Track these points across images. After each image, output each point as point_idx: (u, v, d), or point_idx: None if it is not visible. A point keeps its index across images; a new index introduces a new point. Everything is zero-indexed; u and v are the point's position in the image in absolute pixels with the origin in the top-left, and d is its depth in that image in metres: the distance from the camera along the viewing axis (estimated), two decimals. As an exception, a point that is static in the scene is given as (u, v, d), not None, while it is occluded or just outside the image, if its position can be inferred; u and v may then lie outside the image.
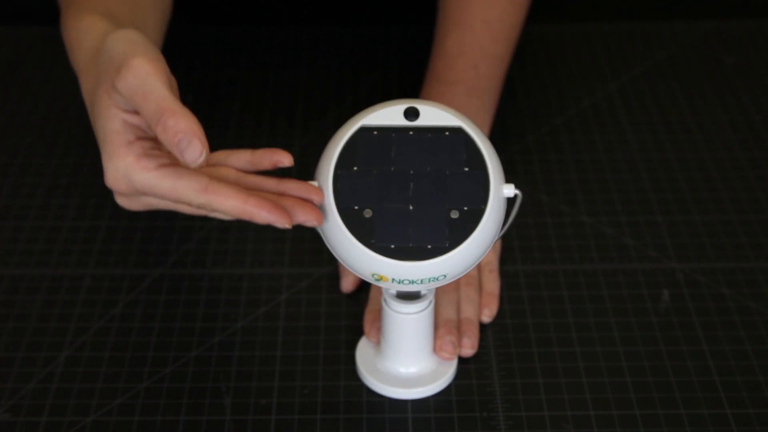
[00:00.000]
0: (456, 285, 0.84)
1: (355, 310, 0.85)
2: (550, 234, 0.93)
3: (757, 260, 0.90)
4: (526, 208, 0.94)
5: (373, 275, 0.70)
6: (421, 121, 0.71)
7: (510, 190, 0.71)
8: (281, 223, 0.67)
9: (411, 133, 0.70)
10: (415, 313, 0.76)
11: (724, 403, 0.77)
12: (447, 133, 0.70)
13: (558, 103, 1.09)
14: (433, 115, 0.71)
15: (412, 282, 0.69)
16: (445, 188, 0.69)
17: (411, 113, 0.71)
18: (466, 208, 0.69)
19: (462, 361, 0.81)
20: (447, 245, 0.69)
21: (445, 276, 0.70)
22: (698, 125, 1.06)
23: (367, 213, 0.69)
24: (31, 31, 1.19)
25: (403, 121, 0.71)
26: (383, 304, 0.77)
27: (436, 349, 0.80)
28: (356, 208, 0.69)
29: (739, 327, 0.84)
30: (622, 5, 1.25)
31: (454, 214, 0.69)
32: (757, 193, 0.97)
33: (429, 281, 0.70)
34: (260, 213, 0.67)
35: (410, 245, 0.68)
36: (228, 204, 0.67)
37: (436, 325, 0.81)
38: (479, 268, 0.87)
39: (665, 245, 0.91)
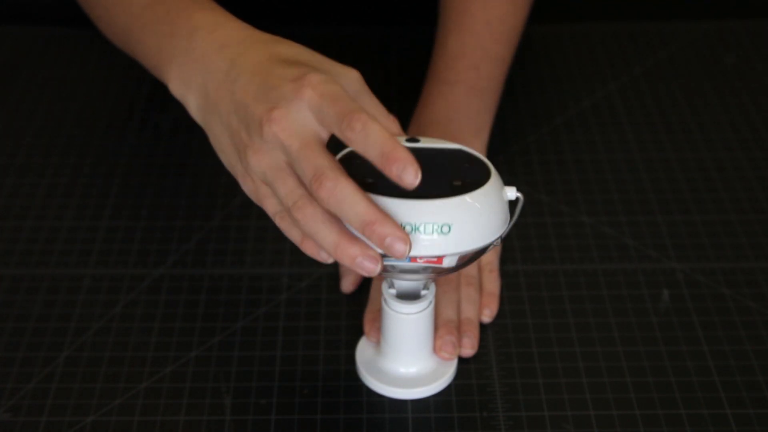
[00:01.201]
0: (456, 285, 0.84)
1: (355, 310, 0.85)
2: (550, 234, 0.93)
3: (757, 260, 0.90)
4: (526, 208, 0.94)
5: None
6: (422, 144, 0.72)
7: (512, 193, 0.71)
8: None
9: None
10: (415, 313, 0.76)
11: (724, 403, 0.77)
12: (448, 150, 0.72)
13: (558, 103, 1.09)
14: (432, 141, 0.73)
15: (414, 229, 0.68)
16: (447, 170, 0.70)
17: (411, 140, 0.72)
18: (468, 180, 0.70)
19: (462, 361, 0.81)
20: (450, 194, 0.69)
21: (449, 227, 0.68)
22: (698, 125, 1.06)
23: (369, 179, 0.69)
24: (31, 31, 1.19)
25: (403, 143, 0.71)
26: (383, 304, 0.77)
27: (436, 349, 0.80)
28: (358, 178, 0.68)
29: (739, 327, 0.84)
30: (622, 5, 1.25)
31: (457, 182, 0.69)
32: (757, 193, 0.97)
33: (432, 229, 0.68)
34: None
35: (413, 191, 0.67)
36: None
37: (437, 326, 0.81)
38: (479, 268, 0.87)
39: (665, 245, 0.91)
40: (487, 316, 0.84)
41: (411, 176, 0.64)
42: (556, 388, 0.79)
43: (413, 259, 0.69)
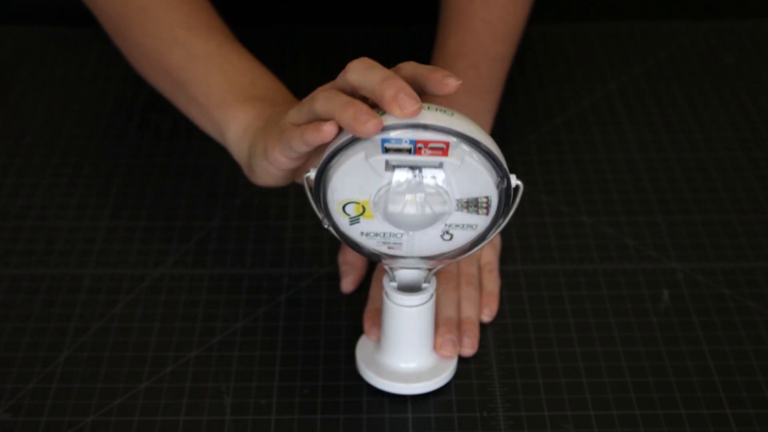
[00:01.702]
0: (456, 284, 0.84)
1: (355, 310, 0.85)
2: (550, 234, 0.93)
3: (757, 260, 0.90)
4: (526, 208, 0.94)
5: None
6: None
7: (512, 180, 0.71)
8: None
9: None
10: (416, 306, 0.76)
11: (724, 403, 0.77)
12: None
13: (558, 103, 1.09)
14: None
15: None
16: None
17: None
18: None
19: (462, 360, 0.81)
20: None
21: (452, 113, 0.70)
22: (698, 125, 1.06)
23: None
24: (31, 31, 1.19)
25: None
26: (384, 297, 0.77)
27: (436, 347, 0.80)
28: None
29: (739, 327, 0.84)
30: (622, 5, 1.25)
31: None
32: (757, 193, 0.97)
33: (436, 109, 0.70)
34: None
35: None
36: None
37: (437, 324, 0.81)
38: (479, 267, 0.87)
39: (665, 245, 0.91)
40: (487, 316, 0.84)
41: (452, 80, 0.70)
42: (556, 388, 0.79)
43: (418, 150, 0.69)
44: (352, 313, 0.85)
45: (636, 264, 0.90)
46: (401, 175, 0.69)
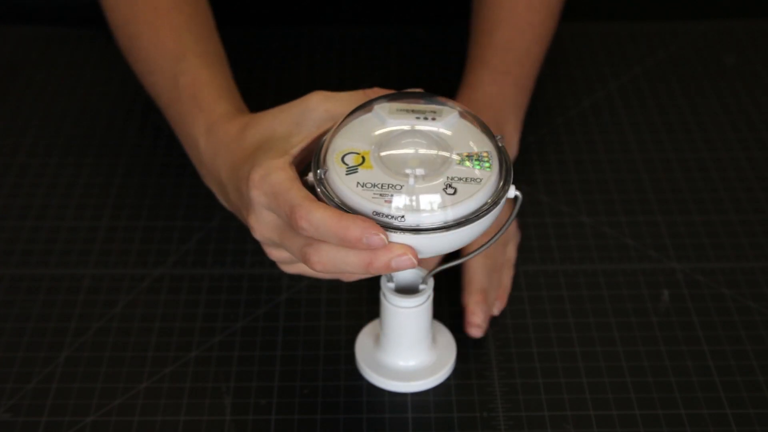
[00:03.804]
0: (488, 253, 0.85)
1: (355, 310, 0.85)
2: (550, 234, 0.93)
3: (757, 260, 0.90)
4: (526, 208, 0.94)
5: None
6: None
7: (511, 192, 0.71)
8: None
9: None
10: (413, 307, 0.76)
11: (724, 403, 0.77)
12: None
13: (558, 103, 1.09)
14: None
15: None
16: None
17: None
18: None
19: (462, 360, 0.81)
20: None
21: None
22: (698, 125, 1.06)
23: None
24: (31, 31, 1.19)
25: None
26: (382, 298, 0.77)
27: (467, 313, 0.82)
28: None
29: (739, 327, 0.84)
30: (622, 5, 1.25)
31: None
32: (757, 193, 0.97)
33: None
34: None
35: None
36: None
37: (469, 292, 0.82)
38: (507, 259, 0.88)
39: (665, 245, 0.91)
40: (498, 309, 0.85)
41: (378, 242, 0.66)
42: (556, 388, 0.79)
43: None
44: (352, 313, 0.85)
45: (636, 264, 0.90)
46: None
